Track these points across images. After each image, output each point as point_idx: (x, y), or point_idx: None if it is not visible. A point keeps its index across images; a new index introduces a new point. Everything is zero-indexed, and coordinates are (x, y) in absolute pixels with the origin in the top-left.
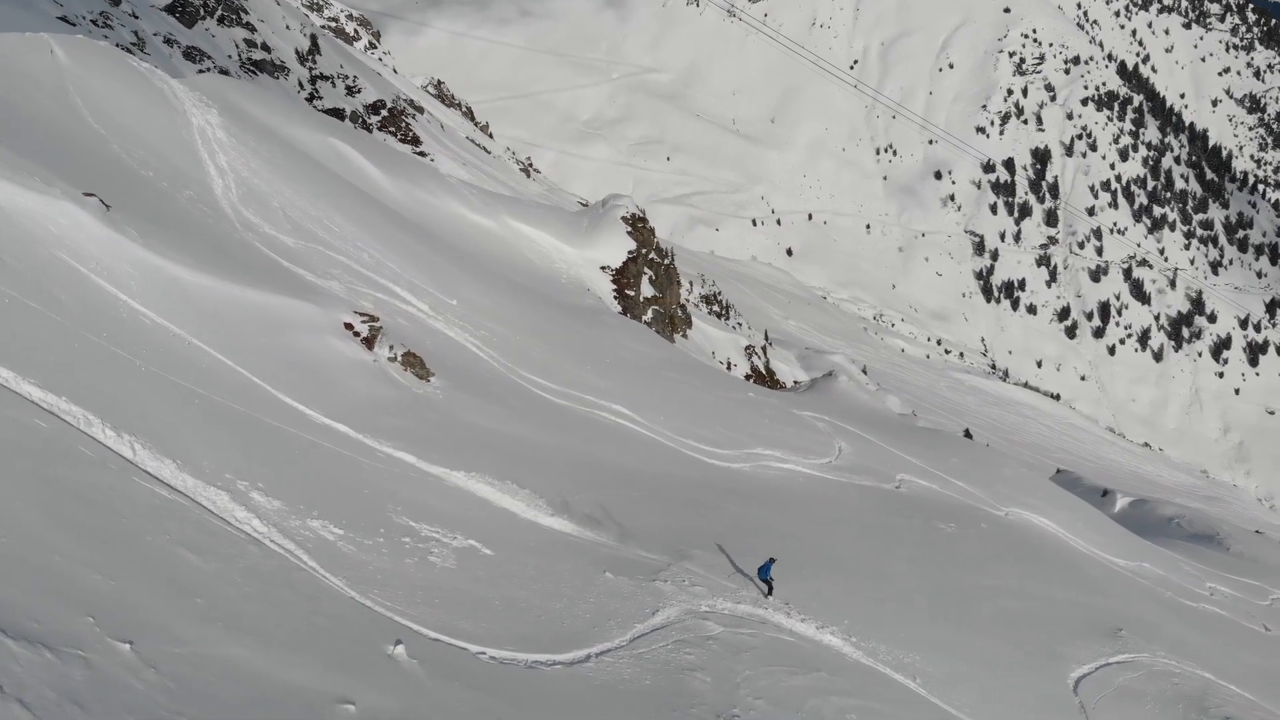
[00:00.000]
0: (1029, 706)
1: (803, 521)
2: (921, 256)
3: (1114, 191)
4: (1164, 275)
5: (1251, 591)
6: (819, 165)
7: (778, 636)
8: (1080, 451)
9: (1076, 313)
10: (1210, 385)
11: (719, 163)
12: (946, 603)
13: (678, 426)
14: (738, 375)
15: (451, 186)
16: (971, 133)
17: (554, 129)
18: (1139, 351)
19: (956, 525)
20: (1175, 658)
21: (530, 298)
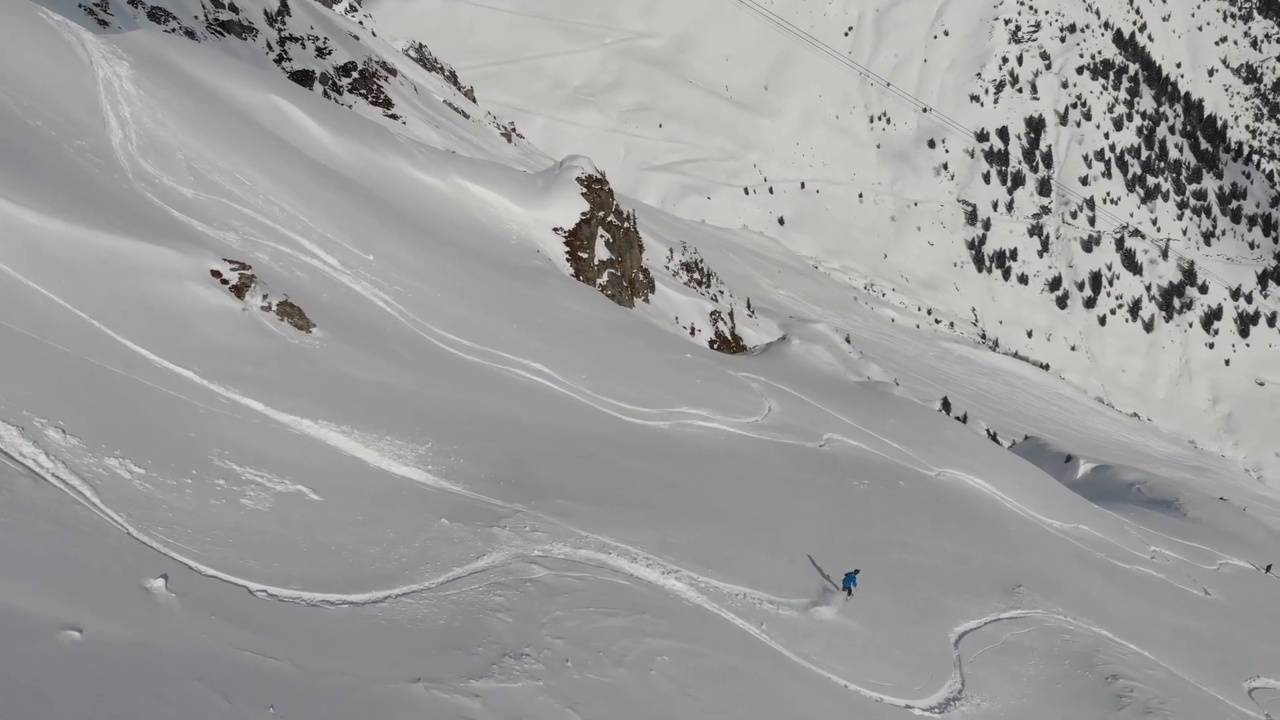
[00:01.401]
0: (895, 659)
1: (705, 476)
2: (914, 226)
3: (1108, 161)
4: (1156, 246)
5: (1200, 556)
6: (812, 133)
7: (612, 581)
8: (1068, 421)
9: (1068, 283)
10: (1200, 356)
11: (711, 130)
12: (837, 555)
13: (600, 385)
14: (700, 341)
15: (401, 146)
16: (966, 101)
17: (545, 95)
18: (1130, 322)
19: (872, 482)
20: (1074, 615)
21: (468, 257)
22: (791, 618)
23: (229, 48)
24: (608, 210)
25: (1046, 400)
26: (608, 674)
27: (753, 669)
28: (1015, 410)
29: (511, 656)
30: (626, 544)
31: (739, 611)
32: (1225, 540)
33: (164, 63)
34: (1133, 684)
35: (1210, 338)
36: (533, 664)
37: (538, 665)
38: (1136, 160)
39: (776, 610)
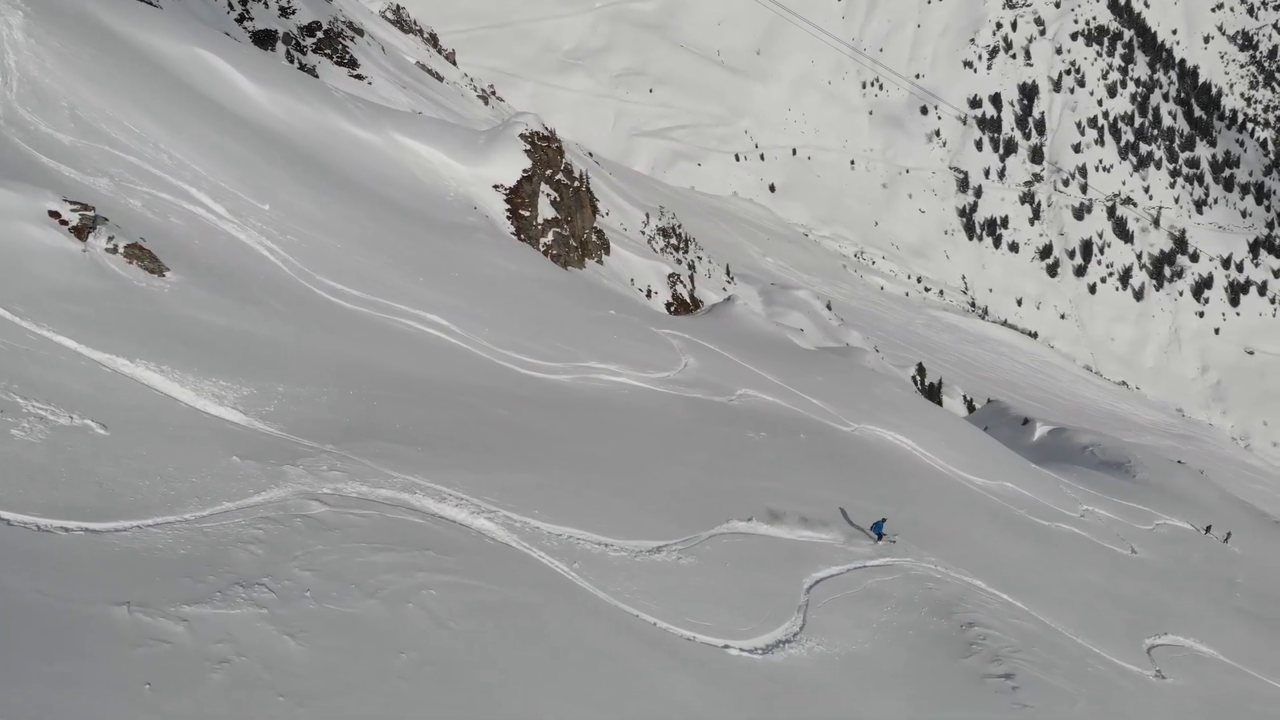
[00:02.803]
0: (732, 601)
1: (588, 426)
2: (905, 193)
3: (1101, 129)
4: (1148, 214)
5: (1138, 516)
6: (804, 99)
7: (404, 519)
8: (1054, 389)
9: (1059, 251)
10: (1190, 324)
11: (703, 95)
12: (706, 503)
13: (504, 339)
14: (657, 303)
15: (336, 101)
16: (959, 67)
17: (533, 59)
18: (1120, 290)
19: (770, 434)
20: (947, 565)
21: (391, 211)
22: (620, 559)
23: (188, 6)
24: (555, 168)
25: (1033, 368)
26: (352, 606)
27: (537, 605)
28: (1001, 378)
29: (243, 585)
30: (443, 485)
31: (553, 551)
32: (1172, 502)
33: (67, 13)
34: (988, 632)
35: (1200, 306)
36: (264, 593)
37: (269, 595)
38: (1130, 127)
39: (604, 551)
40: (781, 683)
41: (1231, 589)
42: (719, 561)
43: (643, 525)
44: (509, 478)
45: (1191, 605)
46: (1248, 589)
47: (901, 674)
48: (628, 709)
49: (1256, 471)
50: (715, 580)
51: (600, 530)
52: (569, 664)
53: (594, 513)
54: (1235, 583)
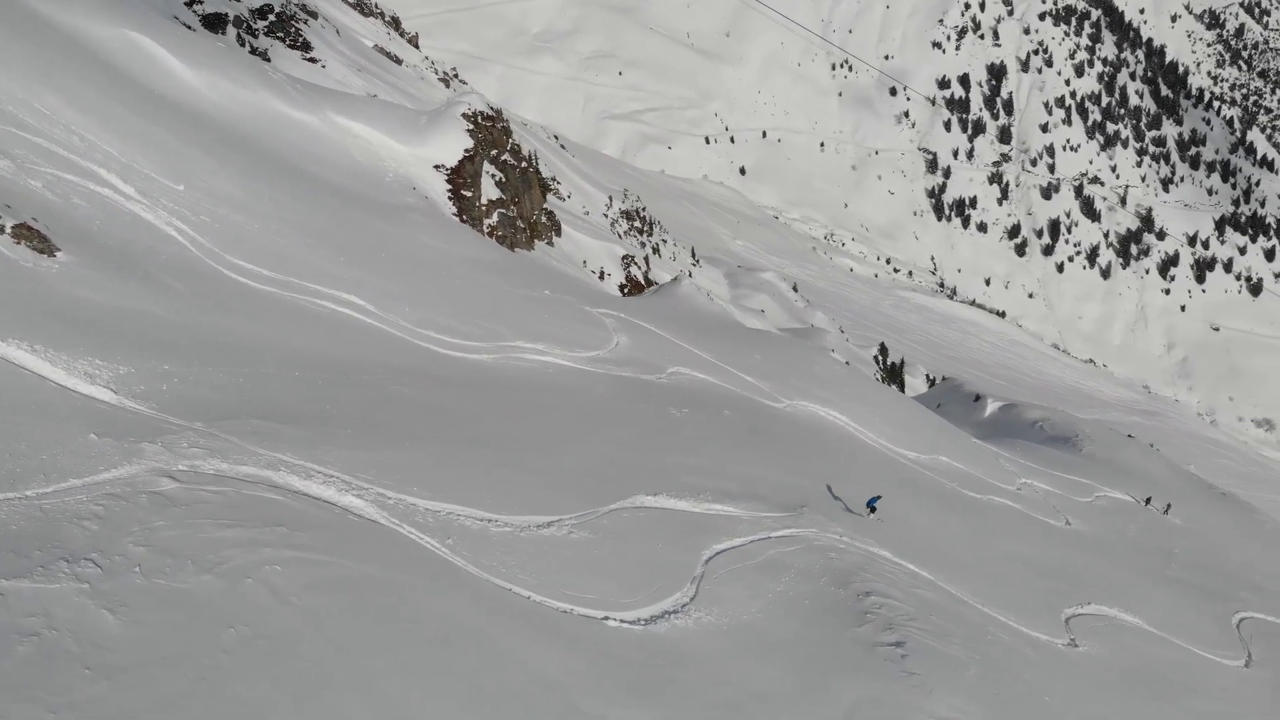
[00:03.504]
0: (621, 574)
1: (500, 405)
2: (874, 174)
3: (1068, 108)
4: (1115, 193)
5: (1077, 489)
6: (774, 81)
7: (260, 496)
8: (1022, 368)
9: (1027, 230)
10: (1156, 302)
11: (672, 78)
12: (614, 478)
13: (424, 318)
14: (610, 285)
15: (273, 82)
16: (928, 48)
17: (501, 43)
18: (1087, 269)
19: (693, 410)
20: (853, 535)
21: (318, 191)
22: (502, 534)
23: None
24: (501, 148)
25: (1001, 347)
26: (184, 581)
27: (394, 580)
28: (969, 357)
29: (68, 560)
30: (313, 462)
31: (424, 528)
32: (1117, 475)
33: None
34: (884, 601)
35: (1167, 284)
36: (90, 569)
37: (94, 570)
38: (1097, 107)
39: (485, 527)
40: (660, 653)
41: (1168, 559)
42: (615, 535)
43: (537, 501)
44: (393, 455)
45: (1122, 575)
46: (1184, 559)
47: (790, 642)
48: (485, 682)
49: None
50: (607, 554)
51: (485, 506)
52: (421, 638)
53: (482, 489)
54: (1172, 553)
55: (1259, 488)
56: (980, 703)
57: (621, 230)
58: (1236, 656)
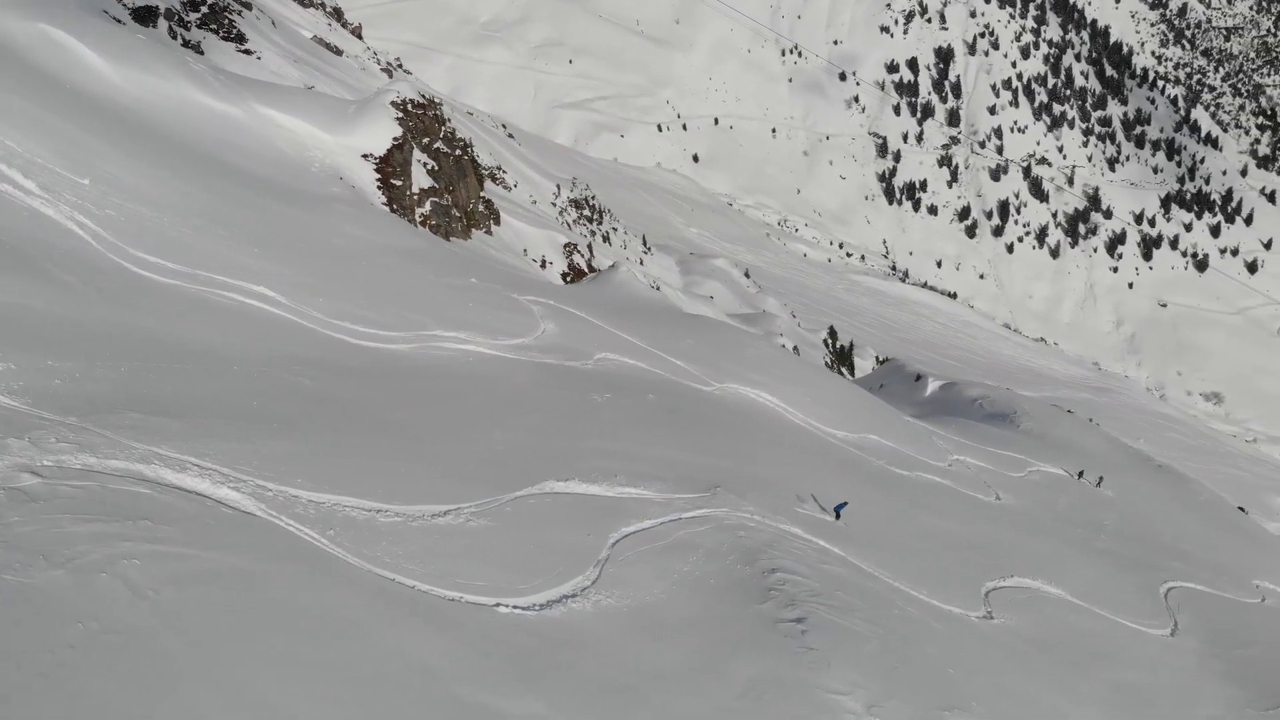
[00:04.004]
0: (519, 561)
1: (408, 395)
2: (826, 160)
3: (1015, 90)
4: (1062, 173)
5: (1010, 464)
6: (724, 67)
7: (128, 490)
8: (973, 348)
9: (976, 212)
10: (1105, 280)
11: (623, 66)
12: (524, 465)
13: (339, 309)
14: (552, 273)
15: (196, 74)
16: (876, 32)
17: (450, 33)
18: (1036, 249)
19: (615, 395)
20: (765, 514)
21: (237, 182)
22: (392, 524)
23: None
24: (433, 136)
25: (953, 328)
26: (32, 577)
27: (266, 572)
28: (921, 339)
29: None
30: (191, 456)
31: (305, 519)
32: (1053, 450)
33: None
34: (789, 578)
35: (1114, 262)
36: None
37: None
38: (1043, 88)
39: (373, 518)
40: (552, 638)
41: (1097, 531)
42: (518, 522)
43: (433, 490)
44: (280, 447)
45: (1048, 548)
46: (1115, 531)
47: (692, 622)
48: (356, 673)
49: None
50: (506, 541)
51: (375, 496)
52: (288, 631)
53: (373, 479)
54: (1102, 525)
55: (1208, 460)
56: (878, 676)
57: (571, 219)
58: (1162, 625)
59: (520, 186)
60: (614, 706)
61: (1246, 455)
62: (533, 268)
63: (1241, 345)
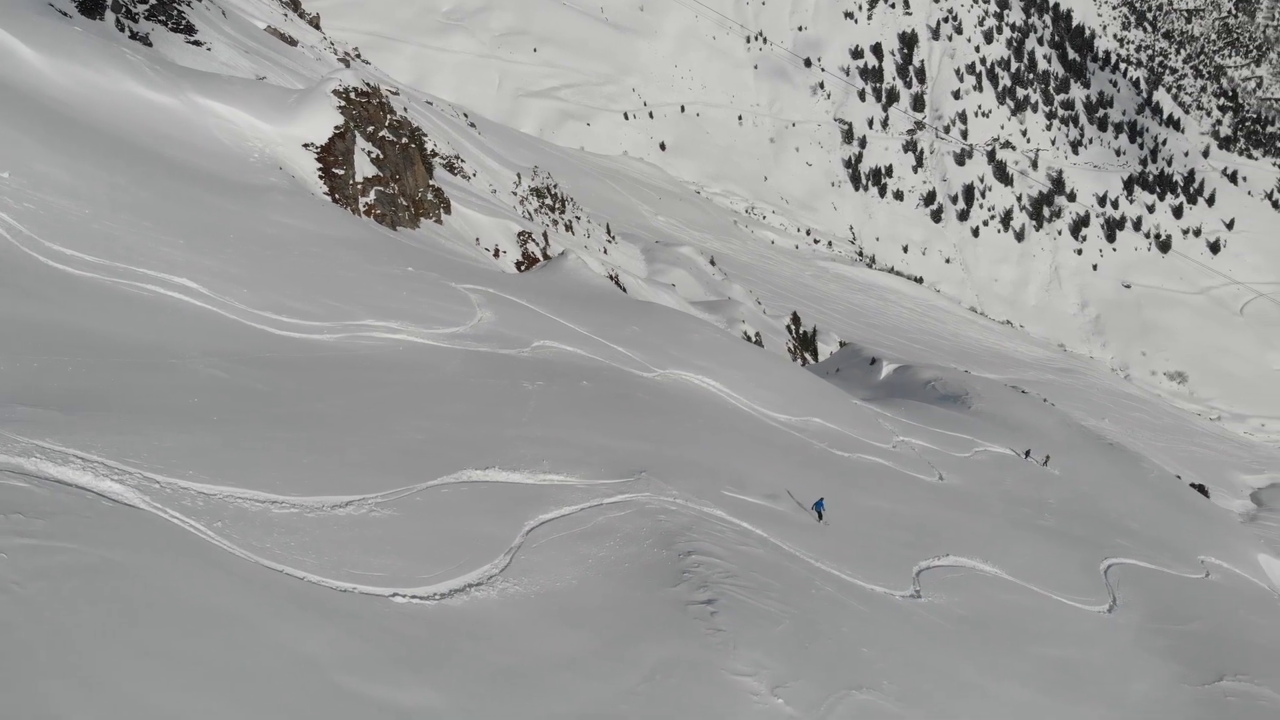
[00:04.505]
0: (425, 552)
1: (326, 385)
2: (792, 146)
3: (979, 75)
4: (1026, 156)
5: (957, 444)
6: (690, 55)
7: (3, 483)
8: (940, 331)
9: (942, 197)
10: (1069, 262)
11: (588, 54)
12: (442, 454)
13: (264, 300)
14: (506, 262)
15: (131, 65)
16: (840, 18)
17: (412, 22)
18: (1002, 232)
19: (547, 383)
20: (688, 497)
21: (169, 174)
22: (286, 516)
23: None
24: (379, 125)
25: (920, 312)
26: None
27: (142, 566)
28: (888, 324)
29: None
30: (77, 449)
31: (192, 511)
32: (1005, 430)
33: None
34: (705, 560)
35: (1079, 244)
36: None
37: None
38: (1006, 72)
39: (266, 509)
40: (450, 627)
41: (1041, 509)
42: (428, 511)
43: (339, 481)
44: (175, 439)
45: (988, 526)
46: (1059, 509)
47: (602, 607)
48: (229, 665)
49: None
50: (412, 530)
51: (272, 488)
52: (159, 623)
53: (272, 470)
54: (1047, 503)
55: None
56: (783, 657)
57: (532, 208)
58: (1100, 602)
59: (480, 175)
60: (511, 693)
61: (1210, 433)
62: (485, 256)
63: (1205, 325)
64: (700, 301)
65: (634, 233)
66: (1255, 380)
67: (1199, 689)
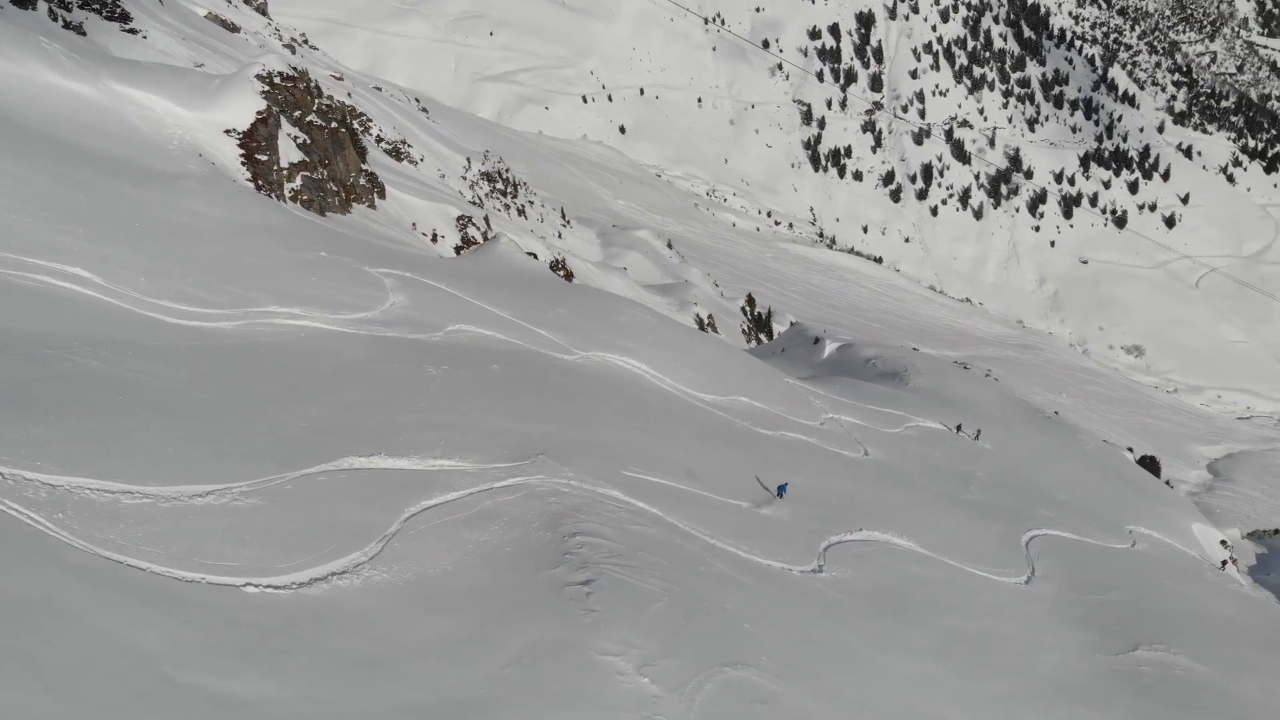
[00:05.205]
0: (286, 541)
1: (214, 374)
2: (752, 128)
3: (935, 54)
4: (983, 135)
5: (888, 420)
6: (648, 36)
7: None
8: (900, 311)
9: (901, 176)
10: (1027, 239)
11: (545, 37)
12: (323, 442)
13: (162, 289)
14: (444, 246)
15: (46, 54)
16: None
17: (366, 8)
18: (960, 211)
19: (452, 367)
20: (584, 479)
21: (77, 163)
22: (136, 506)
23: None
24: (306, 109)
25: (880, 292)
26: None
27: None
28: (848, 304)
29: None
30: None
31: (32, 503)
32: (941, 405)
33: None
34: (589, 540)
35: (1036, 221)
36: None
37: None
38: (963, 51)
39: (115, 500)
40: (306, 617)
41: (967, 482)
42: (300, 500)
43: (202, 470)
44: (25, 430)
45: (908, 500)
46: (986, 482)
47: (475, 591)
48: (53, 658)
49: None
50: (277, 519)
51: (126, 478)
52: None
53: (129, 461)
54: (974, 476)
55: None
56: (655, 635)
57: (483, 192)
58: (1017, 574)
59: (427, 161)
60: (361, 682)
61: (1167, 405)
62: (420, 241)
63: (1161, 298)
64: (653, 285)
65: (591, 217)
66: (1211, 353)
67: (1112, 659)
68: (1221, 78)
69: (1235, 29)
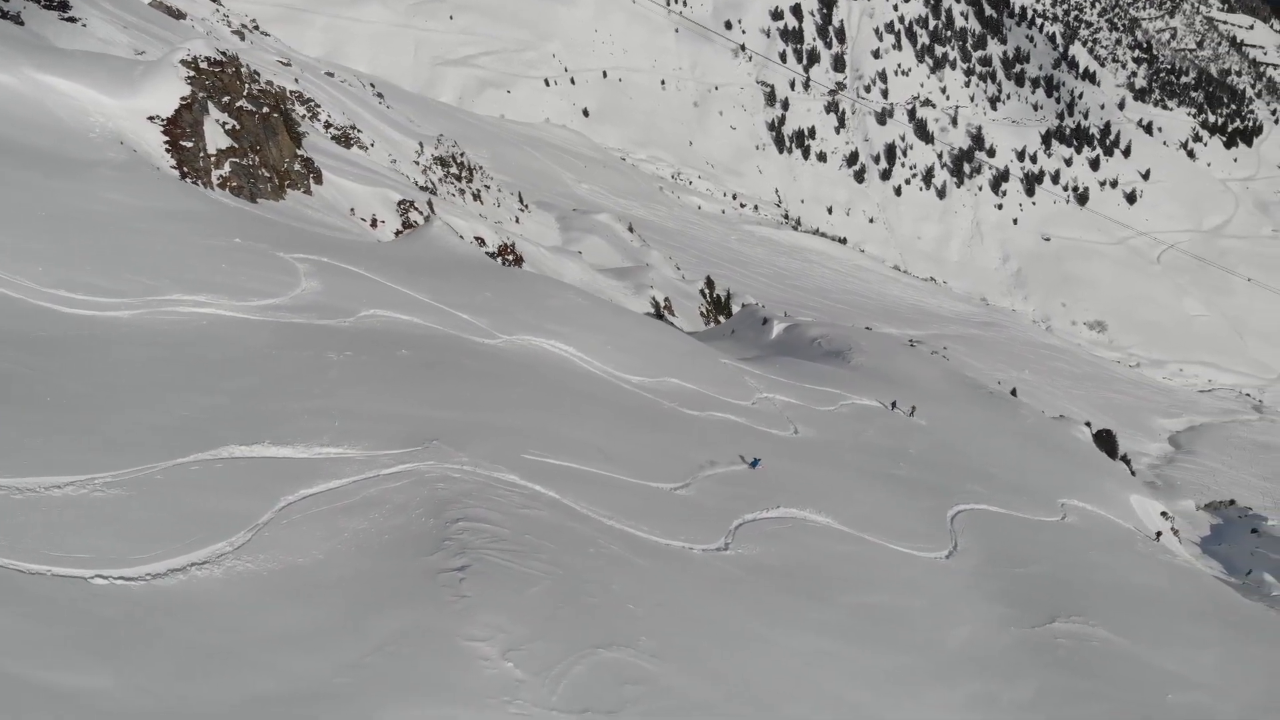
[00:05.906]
0: (145, 532)
1: (98, 365)
2: (716, 110)
3: (897, 33)
4: (946, 114)
5: (821, 399)
6: (610, 19)
7: None
8: (864, 291)
9: (864, 157)
10: (990, 217)
11: (506, 20)
12: (203, 432)
13: (58, 278)
14: (385, 232)
15: None
16: None
17: None
18: (924, 190)
19: (355, 353)
20: (479, 463)
21: None
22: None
23: None
24: (235, 95)
25: (844, 273)
26: None
27: None
28: (813, 285)
29: None
30: None
31: None
32: (881, 383)
33: None
34: (472, 525)
35: (999, 199)
36: None
37: None
38: (925, 30)
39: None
40: (156, 608)
41: (897, 459)
42: (167, 490)
43: (66, 461)
44: None
45: (832, 477)
46: (917, 458)
47: (343, 580)
48: None
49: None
50: (138, 510)
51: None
52: None
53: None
54: (906, 452)
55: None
56: (528, 619)
57: (436, 177)
58: (939, 549)
59: (378, 146)
60: (209, 673)
61: (1129, 380)
62: (358, 227)
63: (1123, 274)
64: (610, 269)
65: (552, 201)
66: (1172, 327)
67: (1027, 631)
68: (1181, 54)
69: (1195, 5)
